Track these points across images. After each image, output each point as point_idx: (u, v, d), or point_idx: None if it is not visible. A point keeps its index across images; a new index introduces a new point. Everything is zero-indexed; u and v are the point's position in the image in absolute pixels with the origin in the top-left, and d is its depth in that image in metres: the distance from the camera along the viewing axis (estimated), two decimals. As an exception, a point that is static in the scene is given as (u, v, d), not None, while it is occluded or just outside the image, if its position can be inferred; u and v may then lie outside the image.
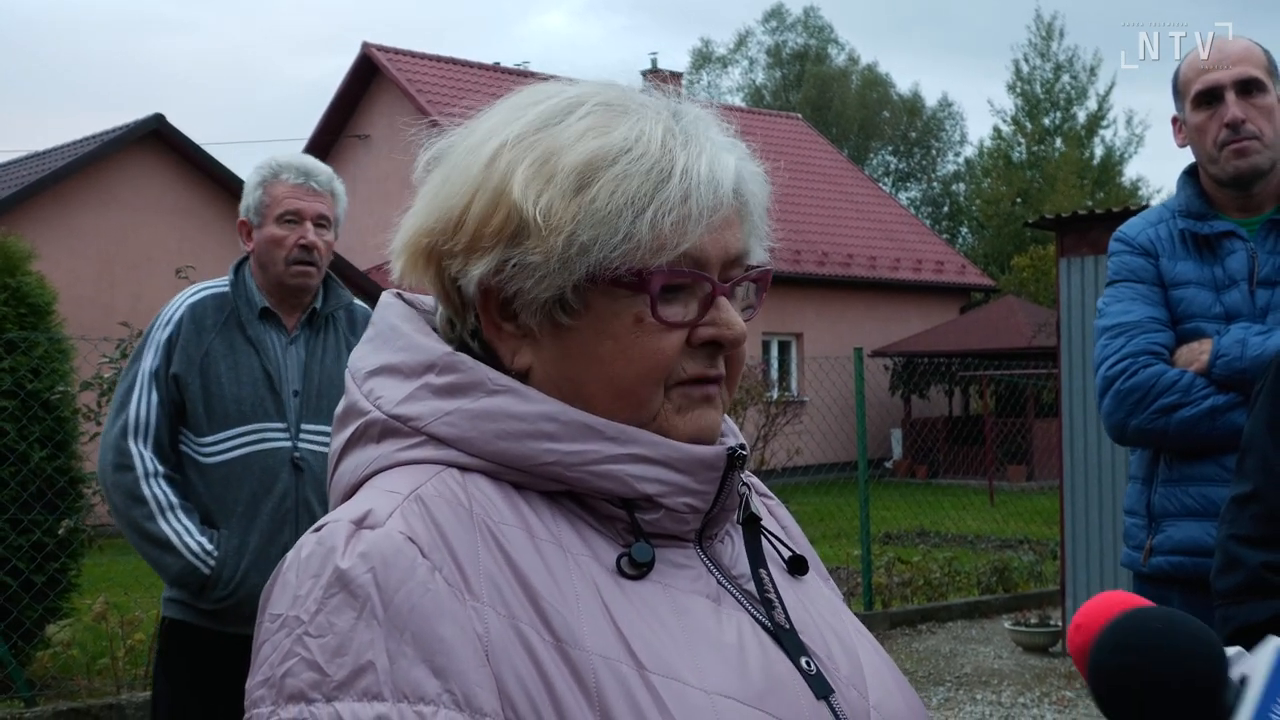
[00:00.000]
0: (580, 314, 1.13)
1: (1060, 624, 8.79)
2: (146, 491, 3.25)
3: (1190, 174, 3.13)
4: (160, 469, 3.28)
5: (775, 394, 19.52)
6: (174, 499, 3.26)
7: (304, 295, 3.45)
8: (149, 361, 3.35)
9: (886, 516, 15.94)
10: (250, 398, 3.32)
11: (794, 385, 24.99)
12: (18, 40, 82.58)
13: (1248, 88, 2.96)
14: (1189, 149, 3.11)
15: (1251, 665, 1.19)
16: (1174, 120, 3.15)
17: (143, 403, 3.32)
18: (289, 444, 3.33)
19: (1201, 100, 3.00)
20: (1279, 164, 3.02)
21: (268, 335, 3.40)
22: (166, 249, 17.77)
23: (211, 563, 3.23)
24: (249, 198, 3.45)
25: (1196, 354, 2.94)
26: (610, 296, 1.12)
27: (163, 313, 3.42)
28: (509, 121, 1.16)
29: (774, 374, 24.35)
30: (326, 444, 3.31)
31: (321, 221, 3.44)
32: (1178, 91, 3.10)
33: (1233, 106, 2.95)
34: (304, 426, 3.36)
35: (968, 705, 7.58)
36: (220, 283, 3.47)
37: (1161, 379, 2.93)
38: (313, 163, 3.50)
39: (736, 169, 1.18)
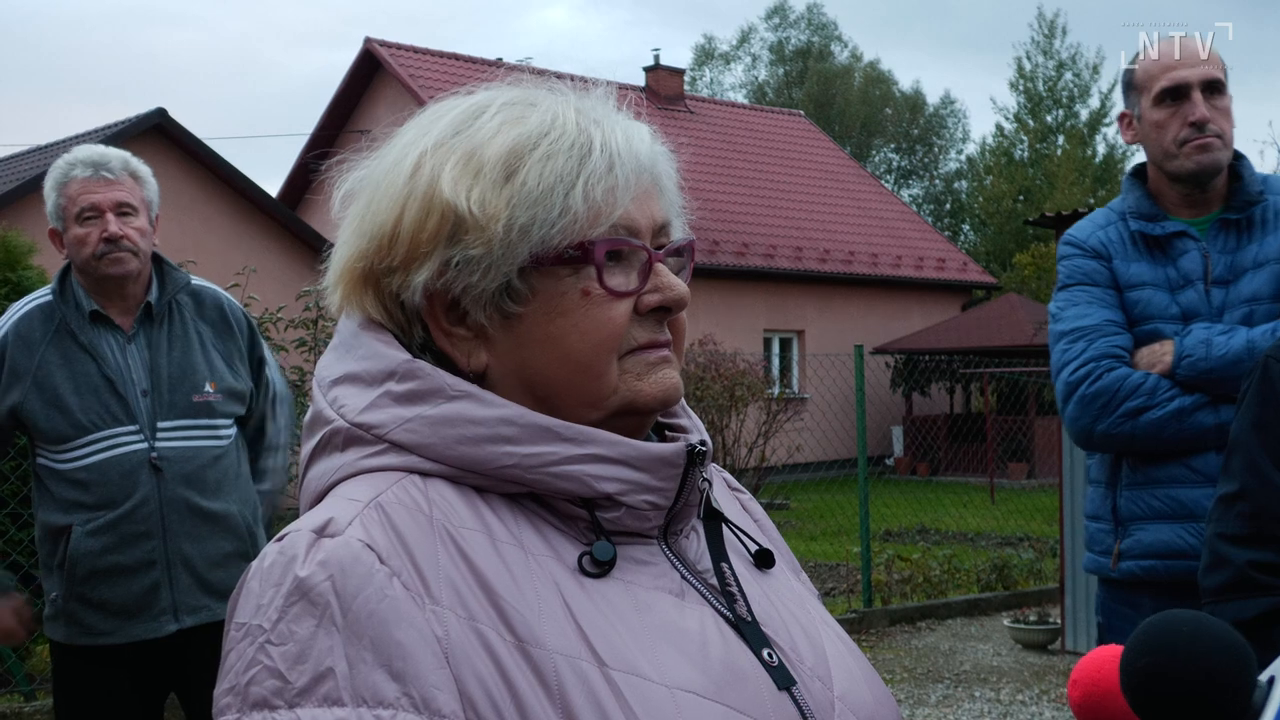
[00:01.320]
0: (528, 300, 1.16)
1: (1059, 621, 8.80)
2: None
3: (1136, 175, 3.13)
4: None
5: (776, 391, 19.57)
6: None
7: (128, 285, 3.33)
8: None
9: (887, 513, 15.95)
10: (94, 406, 3.24)
11: (795, 382, 25.02)
12: (18, 33, 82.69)
13: (1211, 88, 2.98)
14: (1138, 145, 3.11)
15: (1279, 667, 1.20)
16: (1122, 116, 3.15)
17: None
18: (144, 445, 3.24)
19: (1166, 96, 3.00)
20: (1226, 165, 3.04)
21: (102, 339, 3.29)
22: (168, 244, 17.64)
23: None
24: (48, 203, 3.34)
25: (1158, 355, 2.94)
26: (554, 277, 1.15)
27: None
28: (421, 135, 1.19)
29: (775, 371, 24.38)
30: (190, 438, 3.26)
31: (124, 209, 3.31)
32: (1133, 86, 3.09)
33: (1200, 105, 2.95)
34: (160, 425, 3.27)
35: (966, 703, 7.58)
36: (44, 293, 3.36)
37: (1126, 382, 2.92)
38: (103, 151, 3.36)
39: (650, 142, 1.22)
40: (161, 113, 18.92)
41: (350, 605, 1.03)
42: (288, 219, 20.31)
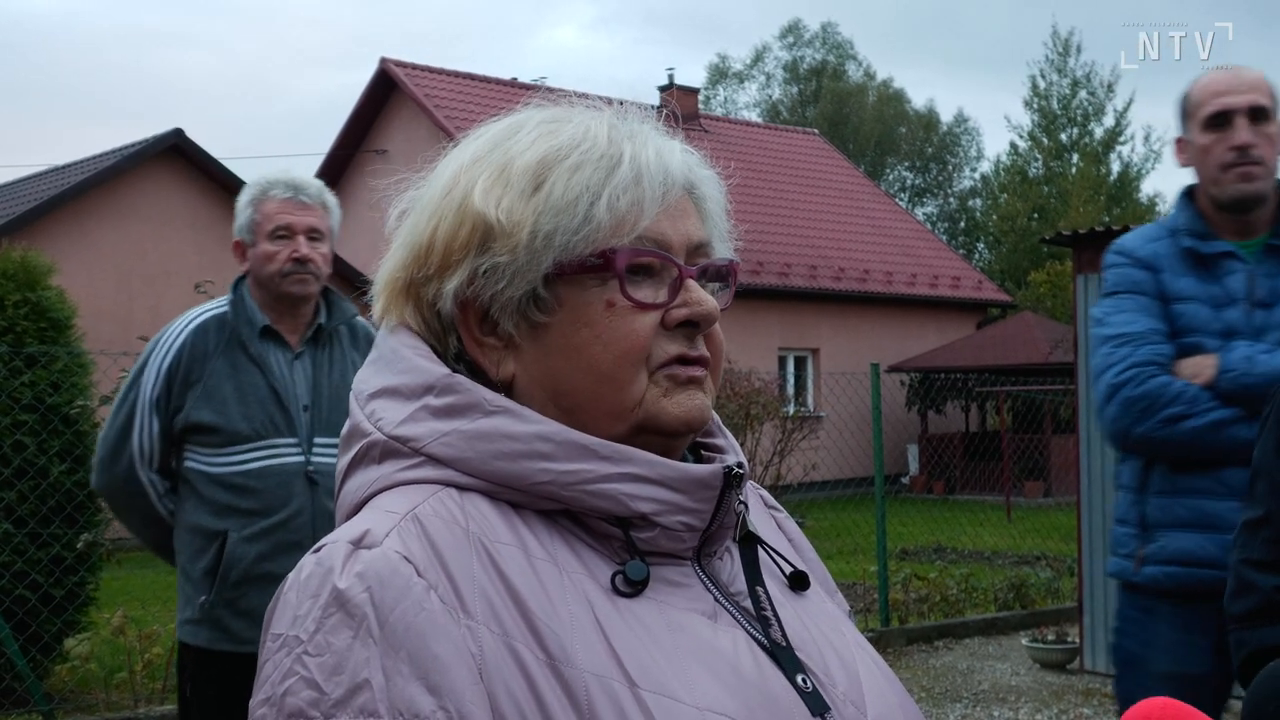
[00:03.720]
0: (555, 309, 1.17)
1: (1077, 641, 8.75)
2: (163, 510, 3.45)
3: (1188, 195, 3.18)
4: (167, 485, 3.44)
5: (792, 409, 19.54)
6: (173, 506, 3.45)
7: (303, 306, 3.45)
8: (149, 388, 3.37)
9: (903, 532, 15.90)
10: (259, 416, 3.33)
11: (810, 400, 24.97)
12: (33, 55, 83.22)
13: (1258, 115, 3.02)
14: (1191, 170, 3.16)
15: None
16: (1178, 140, 3.21)
17: (145, 432, 3.38)
18: (301, 458, 3.35)
19: (1212, 123, 3.05)
20: (1275, 191, 3.08)
21: (271, 353, 3.40)
22: (185, 263, 17.85)
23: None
24: (240, 217, 3.47)
25: (1202, 367, 2.99)
26: (580, 287, 1.16)
27: (163, 337, 3.43)
28: (462, 152, 1.23)
29: (790, 389, 24.34)
30: None
31: (314, 234, 3.44)
32: (1186, 113, 3.15)
33: (1243, 130, 3.00)
34: (316, 441, 3.38)
35: (985, 722, 7.55)
36: (220, 303, 3.48)
37: (1168, 389, 2.98)
38: (301, 177, 3.52)
39: (684, 160, 1.23)
40: (179, 133, 19.02)
41: (388, 617, 1.03)
42: (304, 239, 20.36)
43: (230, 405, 3.33)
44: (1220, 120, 3.04)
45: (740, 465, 1.21)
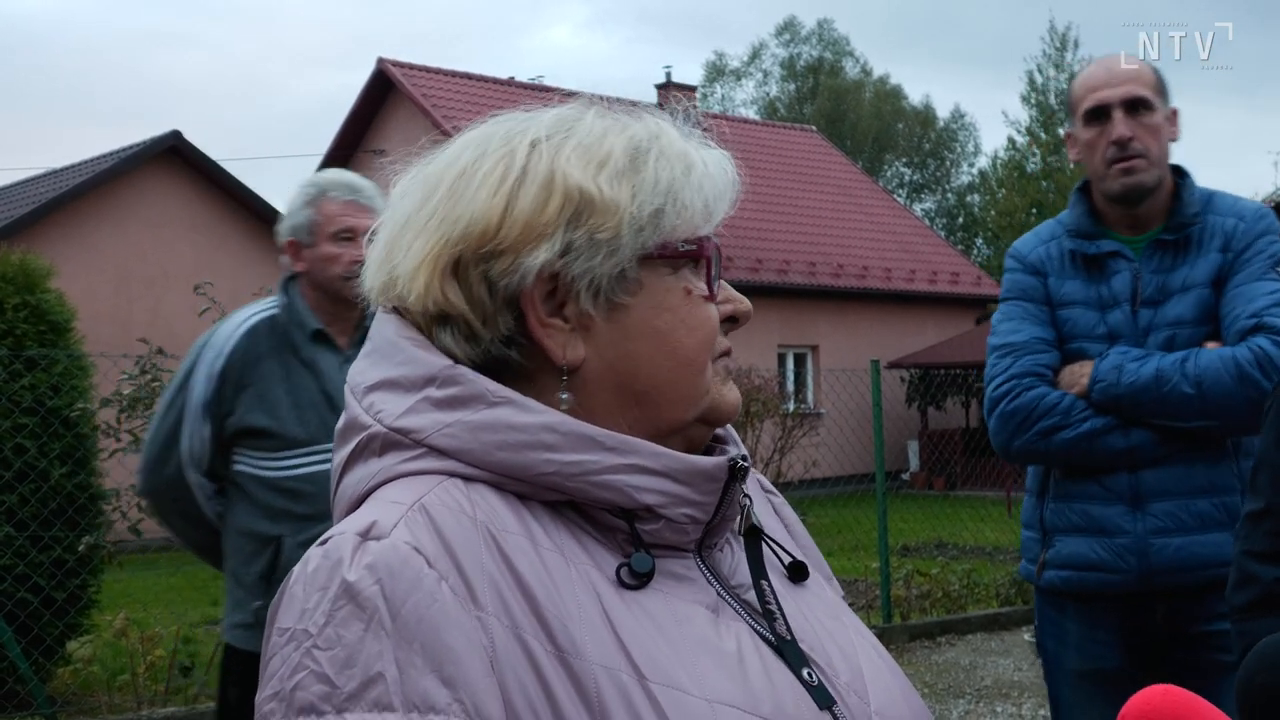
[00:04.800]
0: (637, 291, 1.17)
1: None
2: (210, 513, 3.42)
3: (1083, 190, 3.17)
4: (214, 488, 3.40)
5: (791, 406, 19.54)
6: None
7: (355, 308, 3.40)
8: (200, 391, 3.32)
9: (904, 528, 15.91)
10: (313, 420, 3.29)
11: (810, 397, 24.98)
12: (28, 56, 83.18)
13: (1135, 106, 3.01)
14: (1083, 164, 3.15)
15: None
16: (1067, 136, 3.21)
17: (195, 436, 3.34)
18: None
19: (1091, 117, 3.05)
20: (1165, 181, 3.06)
21: (321, 357, 3.36)
22: (184, 265, 17.87)
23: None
24: (297, 217, 3.41)
25: (1077, 376, 3.01)
26: (659, 274, 1.18)
27: (213, 340, 3.38)
28: (519, 128, 1.20)
29: (790, 386, 24.35)
30: None
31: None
32: (1069, 108, 3.16)
33: (1120, 124, 2.99)
34: None
35: (988, 717, 7.55)
36: (269, 305, 3.43)
37: (1043, 402, 3.00)
38: (357, 178, 3.49)
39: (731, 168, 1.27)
40: (177, 135, 19.05)
41: (399, 609, 1.02)
42: (302, 239, 20.36)
43: (284, 409, 3.30)
44: (1098, 114, 3.03)
45: (744, 458, 1.21)
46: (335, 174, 3.49)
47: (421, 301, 1.17)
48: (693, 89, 31.21)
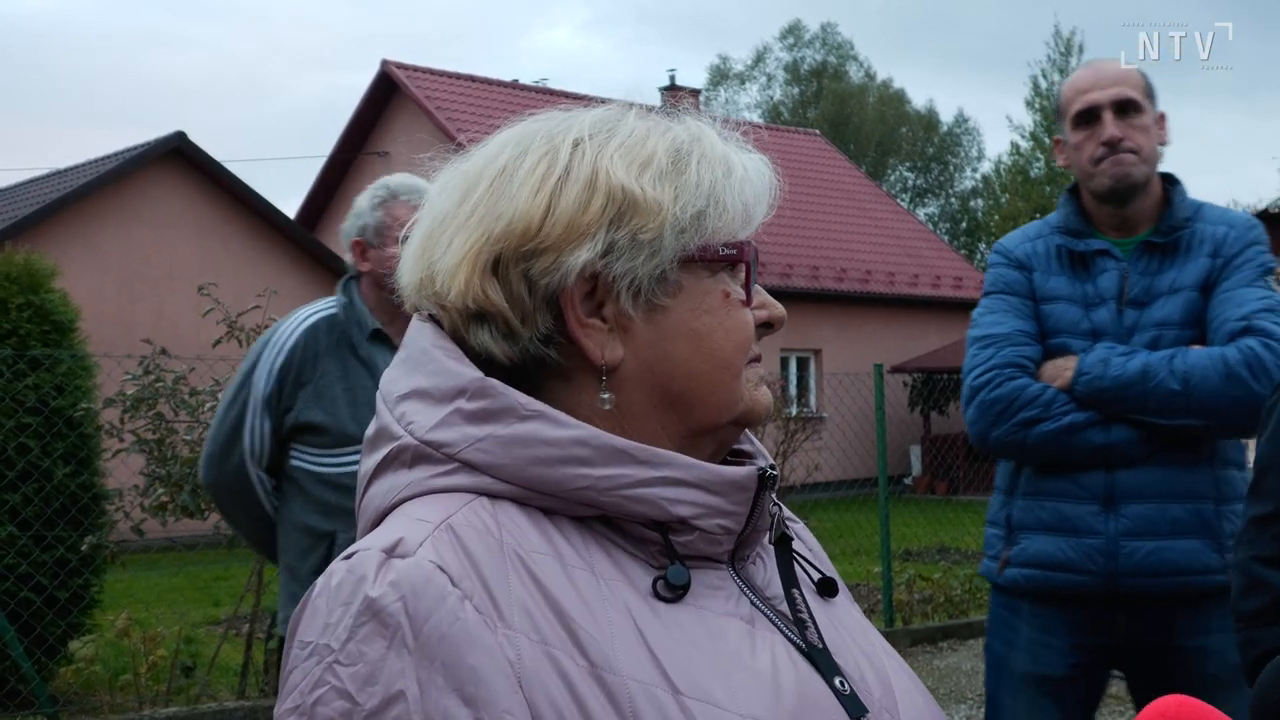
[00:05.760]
0: (676, 294, 1.17)
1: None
2: (269, 507, 3.47)
3: (1072, 192, 3.18)
4: (273, 483, 3.45)
5: (794, 410, 19.51)
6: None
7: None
8: (262, 387, 3.37)
9: (906, 533, 15.88)
10: (368, 418, 3.27)
11: (813, 401, 24.97)
12: (29, 56, 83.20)
13: (1124, 108, 3.02)
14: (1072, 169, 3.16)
15: None
16: (1055, 141, 3.23)
17: (257, 430, 3.38)
18: None
19: (1080, 120, 3.06)
20: (1154, 184, 3.07)
21: (379, 356, 3.38)
22: (188, 266, 17.88)
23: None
24: (365, 219, 3.44)
25: (1060, 370, 3.00)
26: (698, 276, 1.18)
27: (274, 336, 3.43)
28: (561, 127, 1.20)
29: (793, 390, 24.33)
30: None
31: None
32: (1059, 113, 3.17)
33: (1110, 125, 3.01)
34: None
35: (989, 723, 7.54)
36: (330, 304, 3.47)
37: (1024, 393, 3.00)
38: (421, 181, 3.49)
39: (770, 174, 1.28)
40: (180, 136, 19.04)
41: (422, 628, 1.01)
42: (305, 241, 20.40)
43: (340, 406, 3.33)
44: (1088, 117, 3.05)
45: (773, 467, 1.21)
46: (405, 177, 3.53)
47: (461, 298, 1.16)
48: (697, 92, 31.18)
